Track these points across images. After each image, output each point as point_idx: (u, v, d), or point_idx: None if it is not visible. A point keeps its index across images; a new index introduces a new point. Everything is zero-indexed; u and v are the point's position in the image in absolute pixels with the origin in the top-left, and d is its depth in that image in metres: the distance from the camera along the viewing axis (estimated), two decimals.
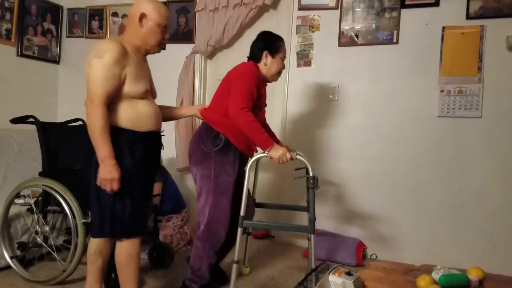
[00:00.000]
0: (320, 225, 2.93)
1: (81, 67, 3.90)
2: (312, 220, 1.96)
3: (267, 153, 2.02)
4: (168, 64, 3.57)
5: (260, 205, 2.50)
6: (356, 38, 3.12)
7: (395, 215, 3.06)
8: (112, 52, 1.73)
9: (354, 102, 3.16)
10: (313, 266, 1.92)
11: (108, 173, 1.72)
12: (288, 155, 2.00)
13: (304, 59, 3.27)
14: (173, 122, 3.40)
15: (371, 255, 3.10)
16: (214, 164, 2.11)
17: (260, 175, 2.74)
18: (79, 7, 3.94)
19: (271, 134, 2.45)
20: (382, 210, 3.09)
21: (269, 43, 2.20)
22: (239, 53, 3.57)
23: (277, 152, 2.00)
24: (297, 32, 3.26)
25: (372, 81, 3.10)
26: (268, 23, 3.39)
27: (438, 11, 2.91)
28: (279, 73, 2.26)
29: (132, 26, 1.89)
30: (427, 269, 1.48)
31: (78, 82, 3.97)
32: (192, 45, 3.48)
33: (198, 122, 3.32)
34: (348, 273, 1.45)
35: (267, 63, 2.19)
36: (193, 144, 2.19)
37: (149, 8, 1.87)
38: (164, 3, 3.59)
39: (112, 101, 1.78)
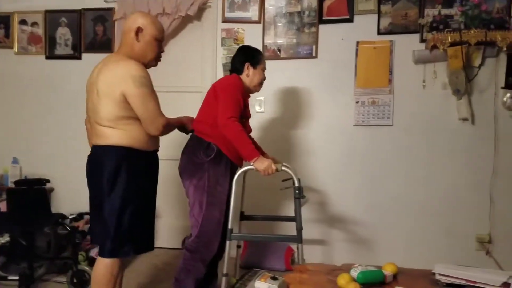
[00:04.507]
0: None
1: None
2: (299, 229, 2.01)
3: (252, 164, 2.02)
4: (84, 75, 3.38)
5: (248, 217, 2.50)
6: (278, 52, 3.23)
7: (320, 221, 3.18)
8: (148, 75, 1.90)
9: (279, 115, 3.25)
10: None
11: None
12: (273, 167, 2.02)
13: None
14: None
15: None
16: (207, 175, 2.12)
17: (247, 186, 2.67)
18: None
19: (257, 146, 2.43)
20: (307, 218, 3.18)
21: (250, 56, 2.28)
22: (163, 63, 3.49)
23: (262, 164, 2.01)
24: (222, 45, 3.29)
25: (294, 94, 3.21)
26: (192, 35, 3.38)
27: (352, 27, 3.11)
28: (261, 84, 2.34)
29: (128, 41, 1.94)
30: (347, 268, 1.54)
31: None
32: None
33: None
34: (274, 278, 1.47)
35: (249, 74, 2.26)
36: (185, 158, 2.20)
37: (145, 22, 1.93)
38: (79, 11, 3.44)
39: (127, 124, 1.88)
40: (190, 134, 2.30)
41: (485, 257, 2.98)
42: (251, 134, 2.37)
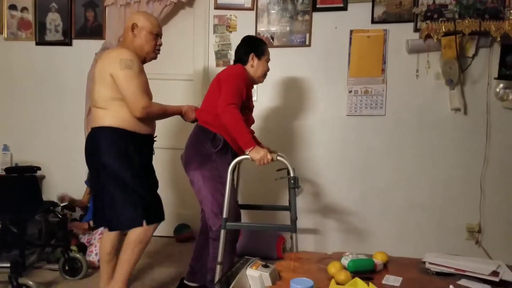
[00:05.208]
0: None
1: None
2: (294, 219, 2.01)
3: (247, 154, 2.01)
4: (75, 62, 3.35)
5: (242, 206, 2.49)
6: (271, 40, 3.19)
7: (313, 211, 3.19)
8: (137, 61, 2.02)
9: (271, 103, 3.23)
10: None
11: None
12: (269, 157, 2.01)
13: (223, 59, 3.27)
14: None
15: (290, 248, 3.19)
16: (216, 165, 2.14)
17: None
18: None
19: (253, 137, 2.40)
20: (301, 207, 3.19)
21: (255, 46, 2.29)
22: None
23: (258, 153, 2.00)
24: (214, 32, 3.25)
25: (286, 82, 3.19)
26: (184, 21, 3.33)
27: (346, 15, 3.08)
28: (264, 75, 2.35)
29: (127, 37, 2.12)
30: (338, 256, 1.55)
31: None
32: (101, 41, 3.26)
33: None
34: (265, 266, 1.46)
35: (253, 65, 2.27)
36: (191, 149, 2.19)
37: (140, 19, 2.11)
38: None
39: (119, 105, 1.99)
40: (195, 123, 2.29)
41: (475, 246, 3.02)
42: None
